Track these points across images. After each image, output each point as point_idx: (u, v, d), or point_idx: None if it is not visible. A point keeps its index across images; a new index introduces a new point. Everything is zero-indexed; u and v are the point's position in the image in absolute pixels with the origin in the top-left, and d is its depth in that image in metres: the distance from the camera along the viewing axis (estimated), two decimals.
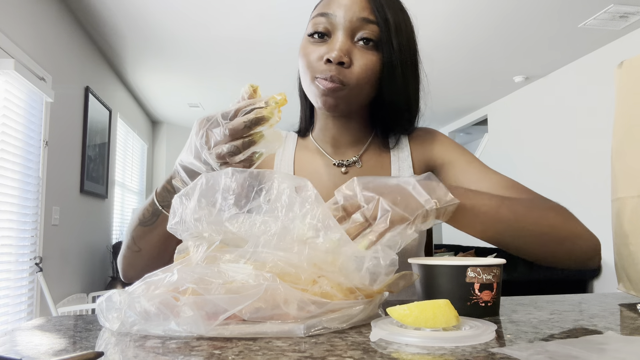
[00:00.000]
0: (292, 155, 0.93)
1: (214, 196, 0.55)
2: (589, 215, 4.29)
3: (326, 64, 0.77)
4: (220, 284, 0.47)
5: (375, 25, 0.78)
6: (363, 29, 0.78)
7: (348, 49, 0.78)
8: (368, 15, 0.78)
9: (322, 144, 0.92)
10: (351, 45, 0.78)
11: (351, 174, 0.89)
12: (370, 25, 0.78)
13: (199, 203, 0.55)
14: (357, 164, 0.89)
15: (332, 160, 0.90)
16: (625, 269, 0.71)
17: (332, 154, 0.91)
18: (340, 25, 0.78)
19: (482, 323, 0.49)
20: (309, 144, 0.94)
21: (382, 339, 0.45)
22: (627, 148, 0.70)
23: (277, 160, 0.93)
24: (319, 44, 0.80)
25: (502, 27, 3.39)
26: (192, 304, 0.46)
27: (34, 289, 2.71)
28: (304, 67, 0.81)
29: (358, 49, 0.79)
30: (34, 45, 2.69)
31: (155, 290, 0.49)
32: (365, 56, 0.78)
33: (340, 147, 0.91)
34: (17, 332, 0.52)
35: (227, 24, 3.38)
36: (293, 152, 0.93)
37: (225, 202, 0.54)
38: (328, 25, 0.79)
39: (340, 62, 0.77)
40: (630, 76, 0.71)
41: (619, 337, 0.47)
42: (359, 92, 0.80)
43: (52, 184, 2.95)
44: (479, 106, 5.53)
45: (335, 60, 0.76)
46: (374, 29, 0.78)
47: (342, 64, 0.77)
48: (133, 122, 5.17)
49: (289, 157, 0.93)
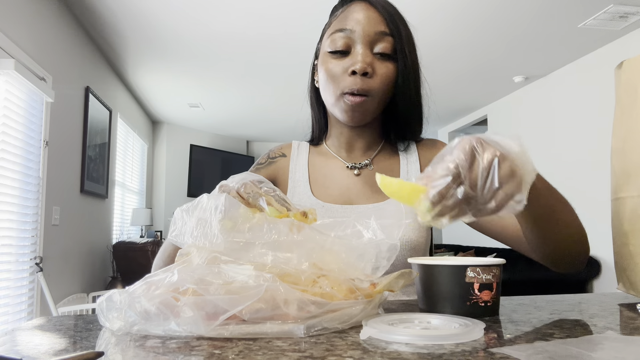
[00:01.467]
0: (306, 161, 0.98)
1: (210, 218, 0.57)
2: (589, 215, 4.28)
3: (351, 76, 0.82)
4: (220, 284, 0.47)
5: (391, 37, 0.84)
6: (381, 42, 0.83)
7: (370, 60, 0.83)
8: (384, 29, 0.84)
9: (336, 150, 0.97)
10: (372, 56, 0.83)
11: (363, 176, 0.93)
12: (387, 38, 0.83)
13: (198, 222, 0.56)
14: (369, 167, 0.94)
15: (346, 163, 0.95)
16: (625, 269, 0.71)
17: (346, 158, 0.96)
18: (360, 39, 0.83)
19: (472, 322, 0.49)
20: (323, 150, 0.99)
21: (373, 337, 0.45)
22: (627, 148, 0.70)
23: (292, 166, 0.97)
24: (340, 59, 0.84)
25: (502, 27, 3.39)
26: (192, 304, 0.46)
27: (34, 289, 2.71)
28: (328, 80, 0.85)
29: (378, 60, 0.84)
30: (34, 45, 2.69)
31: (156, 290, 0.49)
32: (385, 66, 0.84)
33: (354, 152, 0.96)
34: (17, 332, 0.52)
35: (228, 24, 3.38)
36: (307, 157, 0.99)
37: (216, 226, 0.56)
38: (347, 40, 0.84)
39: (364, 73, 0.82)
40: (630, 76, 0.71)
41: (618, 337, 0.47)
42: (380, 101, 0.86)
43: (52, 184, 2.95)
44: (479, 106, 5.53)
45: (360, 71, 0.81)
46: (390, 40, 0.84)
47: (366, 75, 0.82)
48: (133, 122, 5.17)
49: (303, 162, 0.98)
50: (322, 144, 1.00)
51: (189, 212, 0.58)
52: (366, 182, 0.92)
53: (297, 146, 1.01)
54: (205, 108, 5.61)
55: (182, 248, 0.58)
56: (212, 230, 0.55)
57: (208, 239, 0.55)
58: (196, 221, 0.56)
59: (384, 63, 0.84)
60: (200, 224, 0.56)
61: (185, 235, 0.56)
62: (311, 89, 0.98)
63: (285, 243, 0.54)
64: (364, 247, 0.55)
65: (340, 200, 0.91)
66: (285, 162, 0.98)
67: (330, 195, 0.92)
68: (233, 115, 5.97)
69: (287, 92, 4.83)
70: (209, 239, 0.55)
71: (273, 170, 0.97)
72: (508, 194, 0.47)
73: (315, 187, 0.94)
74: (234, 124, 6.48)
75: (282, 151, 1.01)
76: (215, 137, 7.01)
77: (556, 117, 4.33)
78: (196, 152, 6.54)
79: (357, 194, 0.91)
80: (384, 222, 0.59)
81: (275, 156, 1.00)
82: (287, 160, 0.98)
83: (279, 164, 0.98)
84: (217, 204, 0.57)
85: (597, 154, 3.74)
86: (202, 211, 0.57)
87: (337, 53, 0.85)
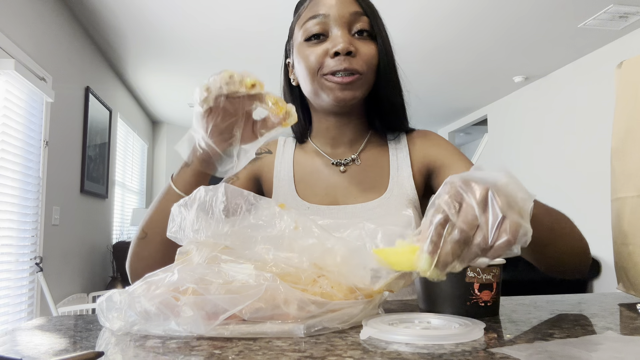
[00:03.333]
0: (292, 158, 0.94)
1: (211, 208, 0.56)
2: (589, 215, 4.30)
3: (333, 57, 0.79)
4: (221, 283, 0.47)
5: (366, 16, 0.82)
6: (357, 22, 0.82)
7: (350, 40, 0.80)
8: (358, 9, 0.82)
9: (321, 145, 0.93)
10: (351, 37, 0.81)
11: (350, 172, 0.90)
12: (362, 17, 0.82)
13: (197, 215, 0.55)
14: (355, 162, 0.90)
15: (331, 160, 0.91)
16: (625, 269, 0.71)
17: (331, 154, 0.92)
18: (335, 22, 0.81)
19: (472, 322, 0.49)
20: (308, 147, 0.95)
21: (372, 336, 0.45)
22: (627, 148, 0.70)
23: (277, 163, 0.94)
24: (318, 45, 0.82)
25: (502, 27, 3.39)
26: (192, 304, 0.46)
27: (34, 288, 2.71)
28: (306, 69, 0.82)
29: (357, 41, 0.82)
30: (34, 45, 2.69)
31: (156, 290, 0.49)
32: (366, 45, 0.82)
33: (339, 146, 0.92)
34: (17, 332, 0.52)
35: (228, 24, 3.38)
36: (292, 155, 0.95)
37: (220, 215, 0.55)
38: (322, 25, 0.81)
39: (348, 52, 0.79)
40: (630, 76, 0.71)
41: (618, 337, 0.47)
42: (370, 80, 0.83)
43: (52, 184, 2.95)
44: (479, 106, 5.53)
45: (343, 51, 0.78)
46: (366, 20, 0.82)
47: (350, 54, 0.79)
48: (133, 122, 5.17)
49: (289, 160, 0.94)
50: (308, 140, 0.95)
51: (187, 206, 0.56)
52: (352, 180, 0.88)
53: (284, 142, 0.97)
54: None
55: (181, 245, 0.57)
56: (214, 218, 0.54)
57: (212, 229, 0.54)
58: (195, 214, 0.55)
59: (365, 43, 0.82)
60: (201, 216, 0.55)
61: (185, 229, 0.55)
62: (285, 89, 0.94)
63: (287, 239, 0.53)
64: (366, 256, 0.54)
65: (326, 200, 0.87)
66: (270, 159, 0.94)
67: (316, 195, 0.88)
68: None
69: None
70: (213, 230, 0.54)
71: (258, 167, 0.93)
72: (514, 221, 0.42)
73: (300, 186, 0.90)
74: None
75: (268, 147, 0.96)
76: None
77: (556, 117, 4.33)
78: None
79: (343, 193, 0.88)
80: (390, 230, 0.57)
81: (260, 152, 0.95)
82: (273, 157, 0.94)
83: (264, 161, 0.94)
84: (217, 195, 0.56)
85: (597, 154, 3.74)
86: (202, 203, 0.56)
87: (313, 39, 0.82)
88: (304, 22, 0.83)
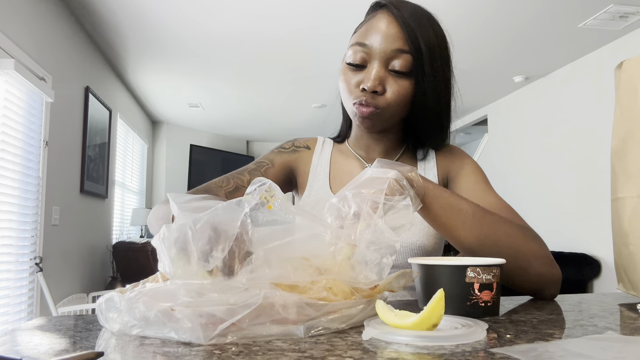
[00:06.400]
0: (329, 157, 1.01)
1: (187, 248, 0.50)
2: (589, 215, 4.29)
3: (362, 91, 0.85)
4: (216, 296, 0.46)
5: (409, 54, 0.83)
6: (396, 59, 0.83)
7: (382, 77, 0.84)
8: (402, 46, 0.83)
9: (357, 150, 1.00)
10: (385, 73, 0.84)
11: None
12: (403, 55, 0.83)
13: (177, 254, 0.50)
14: None
15: (365, 163, 0.97)
16: (625, 269, 0.71)
17: (366, 158, 0.98)
18: (376, 55, 0.84)
19: (474, 322, 0.49)
20: (345, 149, 1.02)
21: (375, 337, 0.45)
22: (627, 148, 0.70)
23: (315, 159, 1.01)
24: (357, 72, 0.86)
25: (502, 27, 3.39)
26: (191, 314, 0.45)
27: (34, 289, 2.71)
28: (345, 91, 0.88)
29: (392, 77, 0.84)
30: (34, 45, 2.69)
31: (152, 300, 0.48)
32: (398, 83, 0.84)
33: (373, 155, 0.98)
34: (17, 332, 0.52)
35: (228, 24, 3.38)
36: (329, 154, 1.02)
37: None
38: (365, 55, 0.85)
39: (374, 91, 0.83)
40: (630, 76, 0.71)
41: (619, 337, 0.47)
42: (392, 114, 0.87)
43: (52, 184, 2.95)
44: (479, 106, 5.53)
45: (369, 89, 0.83)
46: (408, 58, 0.83)
47: (375, 92, 0.84)
48: (133, 122, 5.17)
49: (326, 158, 1.01)
50: (345, 142, 1.03)
51: (164, 242, 0.51)
52: None
53: (322, 142, 1.05)
54: (205, 108, 5.61)
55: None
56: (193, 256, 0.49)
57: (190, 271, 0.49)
58: (175, 254, 0.50)
59: (398, 80, 0.84)
60: (180, 256, 0.50)
61: (166, 267, 0.51)
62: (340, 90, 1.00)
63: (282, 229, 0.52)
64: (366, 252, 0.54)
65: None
66: (308, 155, 1.01)
67: None
68: (233, 115, 5.97)
69: (287, 92, 4.83)
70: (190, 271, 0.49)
71: (295, 159, 1.00)
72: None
73: (334, 182, 0.97)
74: (233, 124, 6.48)
75: (307, 143, 1.03)
76: (215, 137, 7.01)
77: (556, 117, 4.33)
78: (196, 152, 6.54)
79: None
80: (392, 223, 0.58)
81: (299, 146, 1.02)
82: (311, 154, 1.02)
83: (302, 154, 1.01)
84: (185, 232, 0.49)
85: (597, 154, 3.74)
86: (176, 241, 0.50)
87: (353, 66, 0.86)
88: (353, 43, 0.87)
